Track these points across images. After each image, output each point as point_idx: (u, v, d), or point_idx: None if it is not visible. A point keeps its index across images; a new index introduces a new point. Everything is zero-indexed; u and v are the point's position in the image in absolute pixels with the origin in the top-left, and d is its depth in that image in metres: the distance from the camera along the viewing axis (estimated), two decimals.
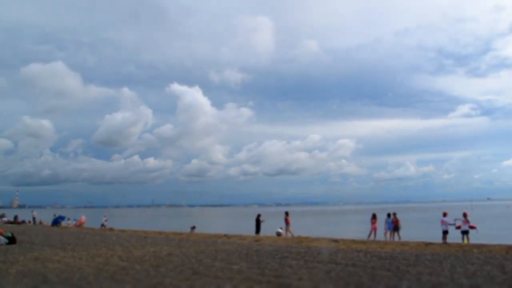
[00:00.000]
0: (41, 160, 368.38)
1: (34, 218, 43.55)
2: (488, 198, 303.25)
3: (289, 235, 22.80)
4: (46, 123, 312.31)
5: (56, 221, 38.04)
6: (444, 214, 20.16)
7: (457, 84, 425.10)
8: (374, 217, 23.01)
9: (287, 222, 23.90)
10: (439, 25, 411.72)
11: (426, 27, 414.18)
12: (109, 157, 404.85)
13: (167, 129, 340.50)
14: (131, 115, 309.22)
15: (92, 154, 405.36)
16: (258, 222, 24.38)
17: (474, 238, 19.12)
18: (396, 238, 21.27)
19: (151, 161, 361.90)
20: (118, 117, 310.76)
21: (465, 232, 19.29)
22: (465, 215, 19.92)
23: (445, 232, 19.35)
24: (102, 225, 36.12)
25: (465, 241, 18.55)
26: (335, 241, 16.39)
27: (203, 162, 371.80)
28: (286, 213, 24.60)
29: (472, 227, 19.48)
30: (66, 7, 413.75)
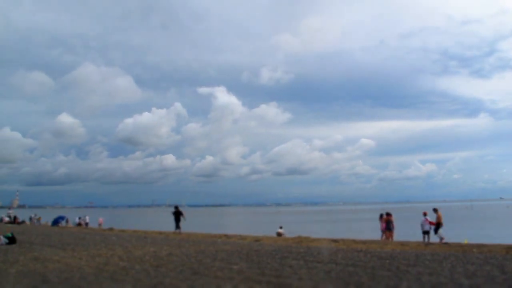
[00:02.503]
0: (56, 160, 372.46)
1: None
2: (501, 198, 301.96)
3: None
4: (74, 123, 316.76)
5: (56, 221, 38.16)
6: (424, 214, 20.02)
7: (461, 85, 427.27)
8: (381, 217, 22.80)
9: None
10: (443, 27, 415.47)
11: (431, 29, 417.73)
12: (127, 157, 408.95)
13: (190, 128, 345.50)
14: (155, 115, 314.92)
15: (110, 154, 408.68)
16: (177, 216, 24.79)
17: (474, 238, 19.12)
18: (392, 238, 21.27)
19: (168, 161, 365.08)
20: (146, 117, 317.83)
21: (426, 232, 19.19)
22: (425, 214, 19.81)
23: (425, 232, 19.30)
24: (79, 224, 37.42)
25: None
26: (335, 241, 16.40)
27: (217, 162, 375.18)
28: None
29: (432, 224, 19.38)
30: (75, 13, 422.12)
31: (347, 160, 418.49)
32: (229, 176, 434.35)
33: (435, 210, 20.66)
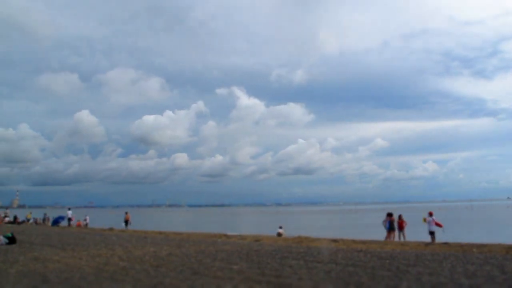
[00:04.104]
0: (66, 159, 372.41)
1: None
2: (508, 198, 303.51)
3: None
4: (92, 123, 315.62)
5: (56, 221, 38.15)
6: (430, 214, 20.09)
7: (463, 85, 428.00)
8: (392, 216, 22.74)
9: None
10: (446, 28, 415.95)
11: (433, 30, 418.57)
12: (137, 157, 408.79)
13: (207, 128, 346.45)
14: (173, 115, 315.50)
15: (122, 153, 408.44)
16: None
17: (474, 238, 19.10)
18: (395, 238, 21.35)
19: (179, 160, 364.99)
20: (161, 117, 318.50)
21: (432, 233, 19.23)
22: (430, 214, 19.88)
23: (431, 233, 19.34)
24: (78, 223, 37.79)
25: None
26: (335, 241, 16.39)
27: (226, 162, 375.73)
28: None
29: (438, 225, 19.46)
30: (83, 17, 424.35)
31: (354, 160, 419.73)
32: (234, 176, 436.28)
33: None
